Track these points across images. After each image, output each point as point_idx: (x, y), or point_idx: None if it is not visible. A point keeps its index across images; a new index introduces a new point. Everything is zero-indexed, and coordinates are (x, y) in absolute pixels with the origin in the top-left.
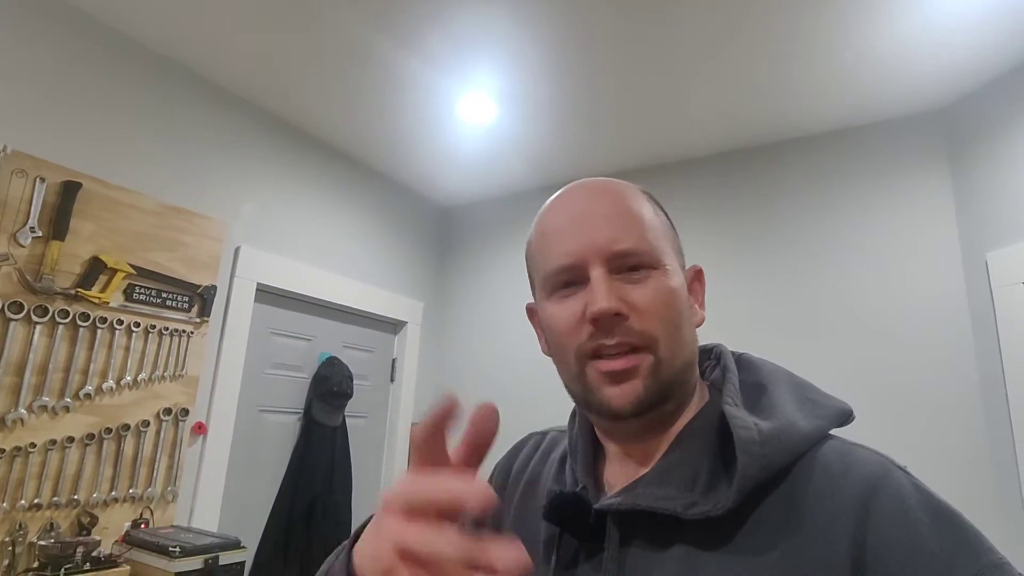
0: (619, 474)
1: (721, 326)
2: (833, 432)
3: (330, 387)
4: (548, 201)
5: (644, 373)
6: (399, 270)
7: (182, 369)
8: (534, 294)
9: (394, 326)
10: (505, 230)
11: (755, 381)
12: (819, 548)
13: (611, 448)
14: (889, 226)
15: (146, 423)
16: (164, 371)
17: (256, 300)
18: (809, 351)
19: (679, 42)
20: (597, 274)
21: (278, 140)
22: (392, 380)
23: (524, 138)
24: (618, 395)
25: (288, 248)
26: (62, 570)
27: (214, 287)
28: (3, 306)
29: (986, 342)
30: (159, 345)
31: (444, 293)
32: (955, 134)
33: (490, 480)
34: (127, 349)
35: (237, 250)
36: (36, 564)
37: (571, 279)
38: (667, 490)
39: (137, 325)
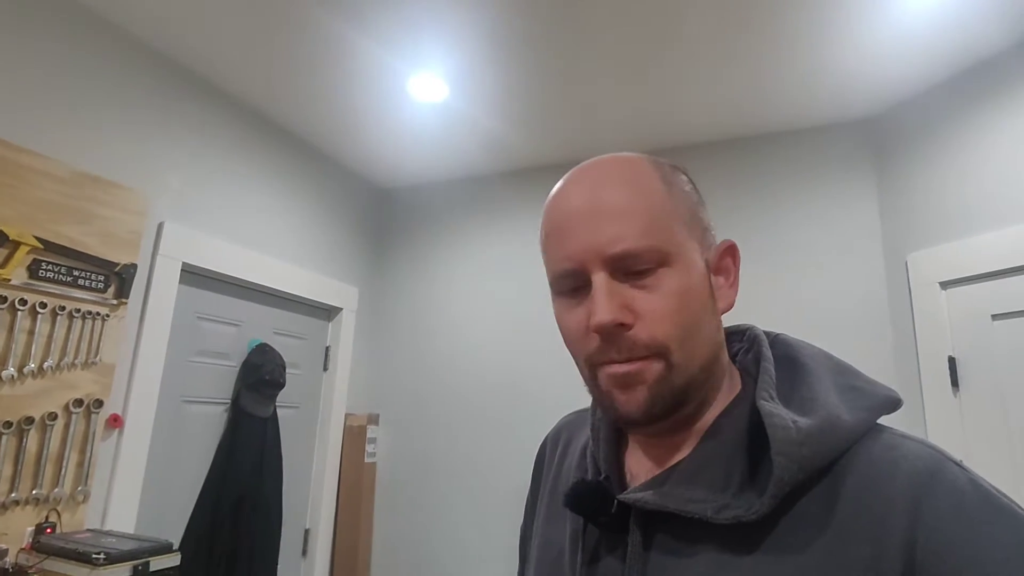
0: (643, 464)
1: None
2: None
3: (261, 376)
4: (555, 187)
5: (652, 379)
6: (334, 254)
7: (96, 356)
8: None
9: (328, 312)
10: (452, 214)
11: (793, 369)
12: (864, 551)
13: (637, 438)
14: (818, 228)
15: (53, 416)
16: (75, 358)
17: (181, 282)
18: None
19: (620, 39)
20: (598, 280)
21: (210, 110)
22: (325, 369)
23: (474, 120)
24: (625, 401)
25: (216, 226)
26: None
27: (134, 266)
28: None
29: (903, 340)
30: (69, 329)
31: (382, 279)
32: (882, 142)
33: (526, 502)
34: (31, 333)
35: (160, 226)
36: None
37: (575, 284)
38: (697, 491)
39: (43, 306)
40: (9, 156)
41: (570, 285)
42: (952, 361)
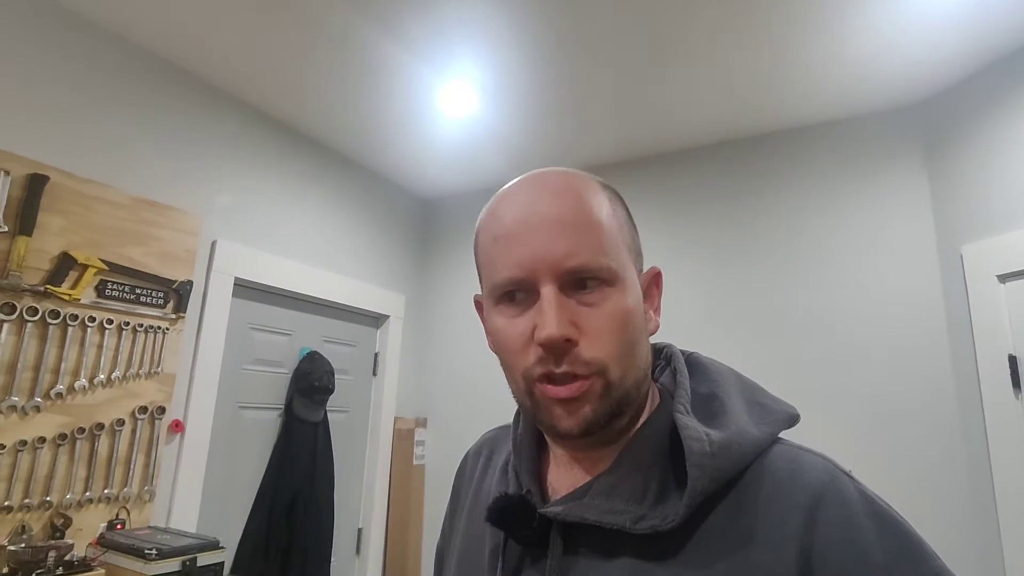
0: (564, 479)
1: (691, 326)
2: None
3: (311, 382)
4: (501, 192)
5: (594, 397)
6: (380, 263)
7: (158, 366)
8: (481, 288)
9: (376, 320)
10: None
11: (706, 385)
12: (767, 557)
13: (558, 451)
14: (865, 221)
15: (121, 422)
16: (139, 368)
17: (234, 295)
18: (783, 348)
19: (659, 36)
20: (548, 293)
21: (254, 131)
22: (375, 374)
23: (505, 129)
24: (567, 419)
25: (266, 241)
26: (33, 575)
27: (190, 282)
28: None
29: (960, 337)
30: (133, 342)
31: (427, 286)
32: (931, 129)
33: (445, 516)
34: (100, 347)
35: (213, 244)
36: (6, 570)
37: (520, 291)
38: (615, 503)
39: (110, 322)
40: (75, 187)
41: (513, 291)
42: (1013, 360)
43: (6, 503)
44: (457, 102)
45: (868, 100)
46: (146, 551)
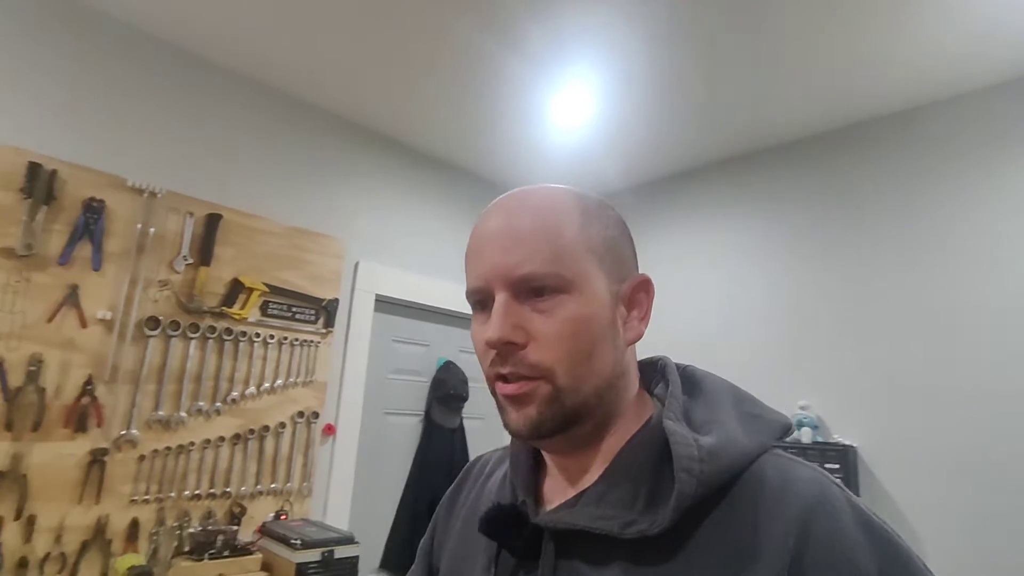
0: (557, 488)
1: (807, 324)
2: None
3: (447, 390)
4: (482, 212)
5: (540, 400)
6: None
7: (312, 375)
8: None
9: None
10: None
11: (698, 395)
12: (758, 566)
13: (551, 462)
14: (994, 205)
15: (283, 425)
16: (296, 377)
17: (376, 310)
18: (894, 349)
19: (771, 27)
20: (499, 300)
21: (388, 158)
22: None
23: (621, 134)
24: (515, 418)
25: (401, 260)
26: (205, 555)
27: (336, 300)
28: (165, 325)
29: None
30: (291, 354)
31: None
32: None
33: (436, 512)
34: (264, 359)
35: (356, 265)
36: (187, 548)
37: (482, 301)
38: (606, 509)
39: (272, 337)
40: (241, 222)
41: (478, 301)
42: None
43: (196, 491)
44: (573, 109)
45: (996, 68)
46: (292, 540)
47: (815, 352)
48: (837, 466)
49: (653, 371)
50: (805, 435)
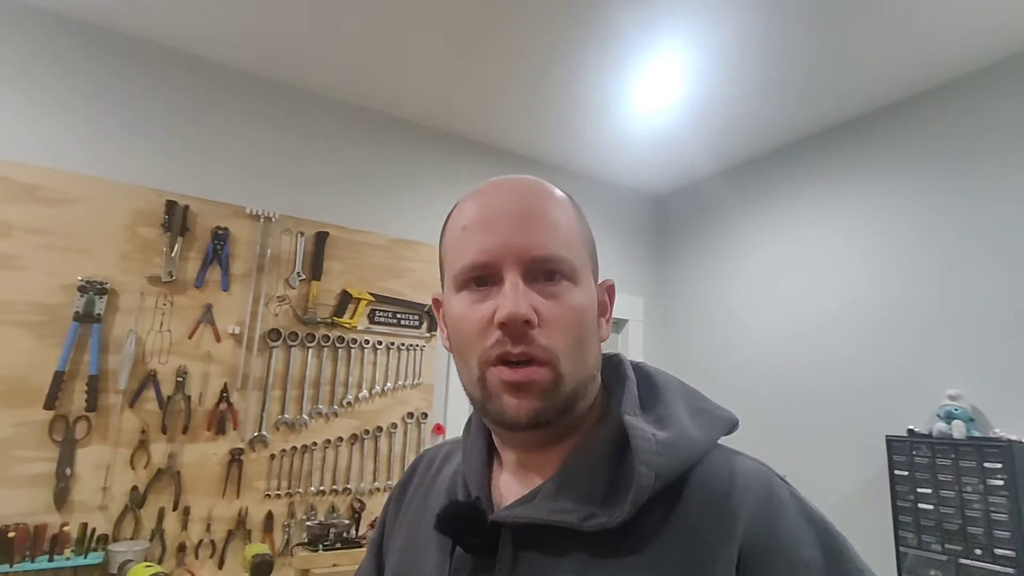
0: (514, 484)
1: (953, 301)
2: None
3: None
4: (470, 192)
5: (542, 387)
6: (614, 266)
7: (419, 378)
8: (443, 286)
9: (615, 325)
10: (717, 214)
11: (651, 391)
12: (707, 555)
13: (508, 457)
14: None
15: (394, 425)
16: (404, 380)
17: None
18: None
19: None
20: (512, 278)
21: (479, 162)
22: None
23: (709, 114)
24: (515, 406)
25: None
26: (319, 546)
27: None
28: (285, 336)
29: None
30: (398, 358)
31: (666, 285)
32: None
33: (385, 506)
34: (374, 364)
35: None
36: (306, 540)
37: (484, 277)
38: (565, 503)
39: (380, 343)
40: (347, 237)
41: (477, 277)
42: None
43: (321, 488)
44: (657, 92)
45: None
46: None
47: (965, 333)
48: (999, 465)
49: (607, 367)
50: (957, 429)
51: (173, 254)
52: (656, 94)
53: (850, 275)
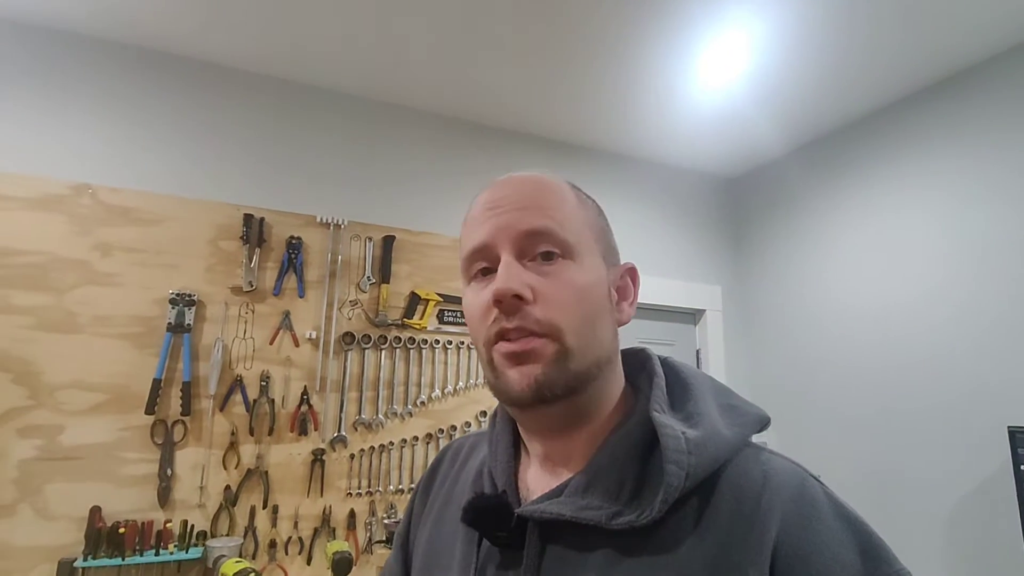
0: (540, 478)
1: None
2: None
3: None
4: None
5: (546, 359)
6: (687, 256)
7: None
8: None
9: (692, 316)
10: (792, 194)
11: (680, 387)
12: (739, 556)
13: (534, 449)
14: None
15: (468, 424)
16: (476, 379)
17: None
18: None
19: None
20: (506, 257)
21: (550, 158)
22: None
23: (778, 88)
24: (517, 378)
25: None
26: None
27: None
28: (358, 339)
29: None
30: (469, 358)
31: (744, 273)
32: None
33: (411, 500)
34: (445, 363)
35: None
36: (383, 538)
37: (484, 261)
38: (592, 499)
39: (450, 343)
40: (413, 240)
41: (478, 261)
42: None
43: (399, 486)
44: (722, 66)
45: None
46: None
47: None
48: None
49: (634, 361)
50: None
51: (252, 264)
52: (721, 69)
53: (965, 247)
